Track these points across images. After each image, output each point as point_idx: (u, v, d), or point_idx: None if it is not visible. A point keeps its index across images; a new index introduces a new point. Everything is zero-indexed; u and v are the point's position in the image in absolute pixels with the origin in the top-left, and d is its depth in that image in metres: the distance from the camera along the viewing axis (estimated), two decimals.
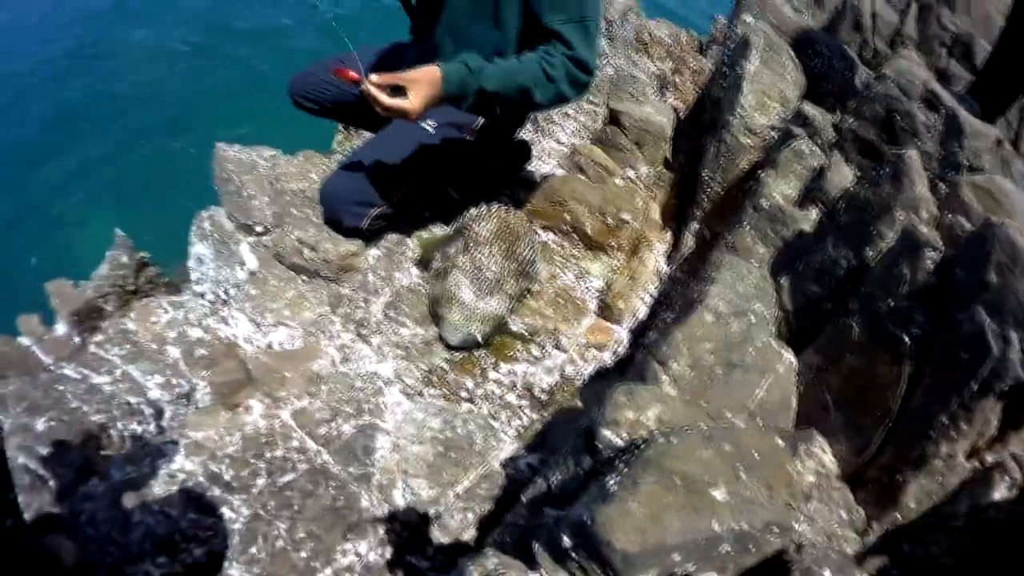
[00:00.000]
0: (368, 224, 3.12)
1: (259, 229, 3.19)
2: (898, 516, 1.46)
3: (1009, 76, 3.10)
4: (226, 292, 3.17)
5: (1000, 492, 1.30)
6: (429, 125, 3.08)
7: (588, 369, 3.05)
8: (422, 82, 2.60)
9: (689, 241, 3.44)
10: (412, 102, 2.58)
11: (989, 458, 1.39)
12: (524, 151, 3.98)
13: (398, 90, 2.58)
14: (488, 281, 2.94)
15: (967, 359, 1.39)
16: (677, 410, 1.57)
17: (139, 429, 2.62)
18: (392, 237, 3.33)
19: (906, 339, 1.55)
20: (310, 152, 3.72)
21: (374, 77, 2.57)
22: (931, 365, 1.50)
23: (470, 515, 2.42)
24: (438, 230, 3.46)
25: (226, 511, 2.40)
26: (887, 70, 2.69)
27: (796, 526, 1.34)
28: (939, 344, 1.50)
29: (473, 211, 3.17)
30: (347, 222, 3.11)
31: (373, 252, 3.27)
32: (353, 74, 2.60)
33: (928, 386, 1.48)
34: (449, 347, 3.02)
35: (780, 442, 1.51)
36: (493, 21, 2.91)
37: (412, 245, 3.34)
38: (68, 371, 2.73)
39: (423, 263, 3.26)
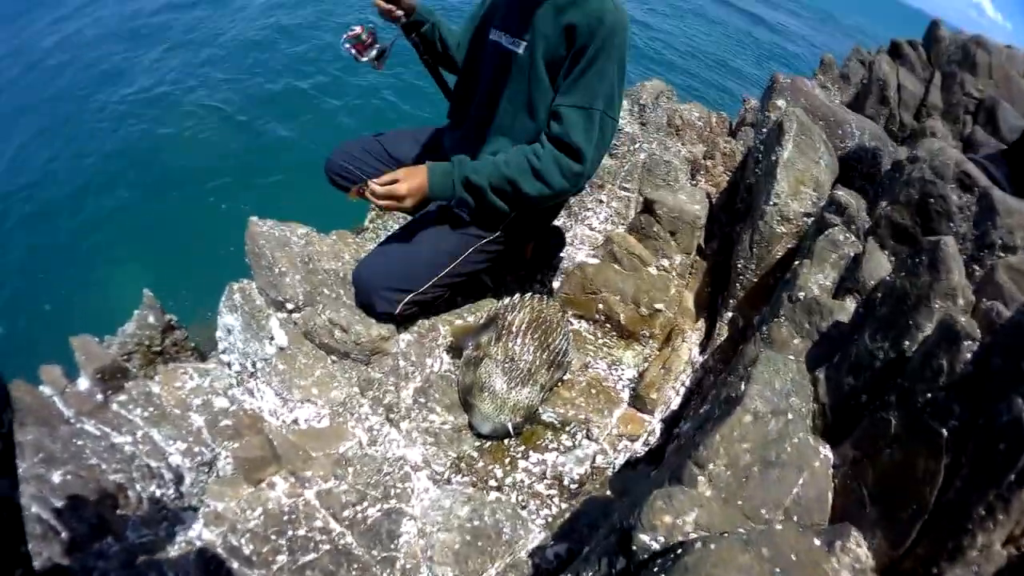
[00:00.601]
0: (401, 309, 3.12)
1: (290, 306, 3.19)
2: None
3: None
4: (253, 364, 3.17)
5: None
6: (463, 212, 3.09)
7: (619, 459, 3.01)
8: (412, 173, 2.91)
9: (723, 330, 3.40)
10: (400, 186, 2.86)
11: None
12: (558, 238, 3.99)
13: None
14: (520, 371, 2.92)
15: (1005, 450, 1.35)
16: (714, 512, 1.54)
17: (158, 492, 2.60)
18: (424, 323, 3.33)
19: (944, 432, 1.50)
20: (343, 231, 3.74)
21: (372, 183, 2.87)
22: (968, 457, 1.45)
23: None
24: (471, 317, 3.46)
25: None
26: (919, 151, 2.67)
27: None
28: (976, 435, 1.45)
29: (506, 300, 3.18)
30: (380, 307, 3.11)
31: (405, 337, 3.26)
32: (355, 190, 2.92)
33: (965, 478, 1.43)
34: (479, 436, 2.99)
35: (816, 541, 1.47)
36: (527, 110, 2.96)
37: (444, 332, 3.33)
38: (88, 427, 2.72)
39: (455, 350, 3.24)
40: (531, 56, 2.90)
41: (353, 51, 3.29)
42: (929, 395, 1.61)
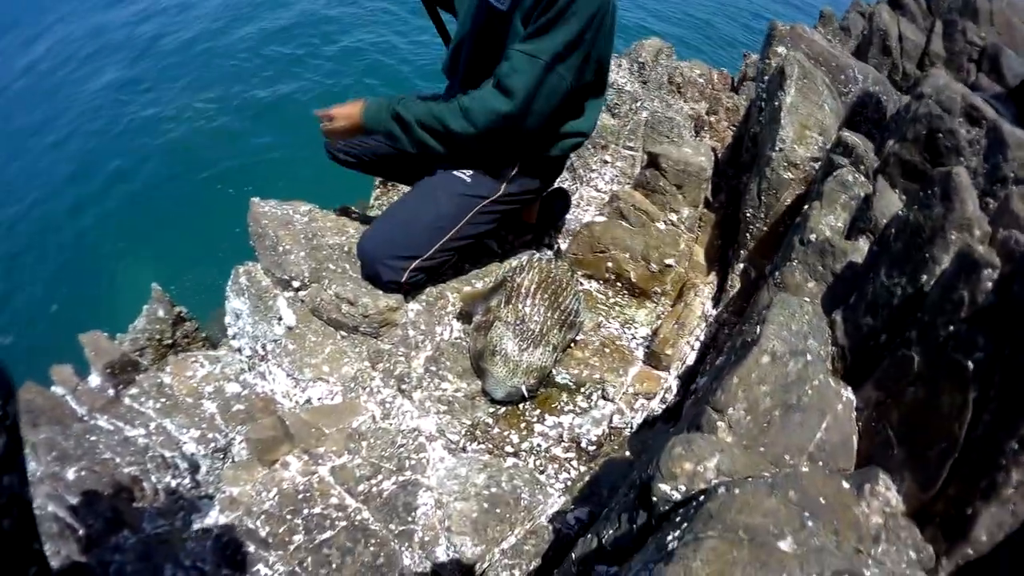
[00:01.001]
0: (407, 277, 3.10)
1: (296, 284, 3.17)
2: (969, 551, 1.38)
3: None
4: (263, 347, 3.16)
5: None
6: (465, 174, 3.09)
7: (637, 418, 2.98)
8: (353, 102, 3.14)
9: (735, 282, 3.37)
10: (334, 109, 3.15)
11: None
12: (563, 199, 3.96)
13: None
14: (532, 333, 2.89)
15: None
16: (736, 458, 1.50)
17: (173, 483, 2.60)
18: (432, 291, 3.30)
19: (969, 365, 1.47)
20: (347, 206, 3.71)
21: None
22: (996, 389, 1.42)
23: (517, 572, 2.34)
24: (479, 283, 3.42)
25: (262, 568, 2.35)
26: (925, 88, 2.63)
27: (866, 572, 1.26)
28: (1003, 366, 1.42)
29: (514, 262, 3.16)
30: (385, 276, 3.08)
31: (413, 306, 3.23)
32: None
33: (995, 411, 1.40)
34: (493, 401, 2.96)
35: (845, 484, 1.44)
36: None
37: (452, 299, 3.30)
38: (101, 422, 2.72)
39: (464, 316, 3.22)
40: (512, 11, 2.87)
41: None
42: (951, 328, 1.57)
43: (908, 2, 6.57)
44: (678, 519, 1.35)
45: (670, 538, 1.29)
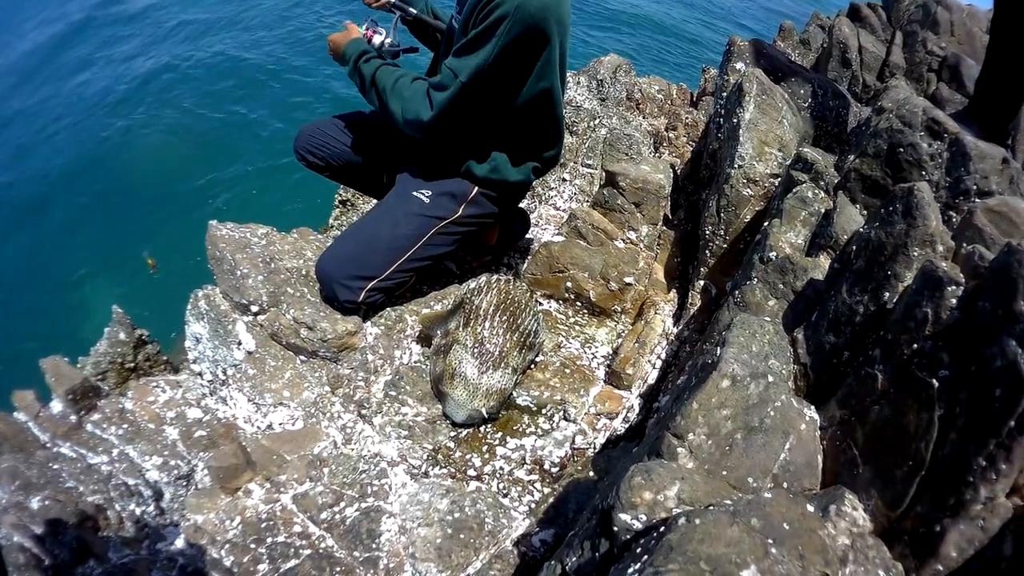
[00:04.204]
0: (364, 297, 3.11)
1: (254, 308, 3.14)
2: (939, 567, 1.38)
3: (1003, 91, 3.06)
4: (224, 372, 3.14)
5: None
6: (424, 195, 3.10)
7: (600, 438, 2.97)
8: (349, 32, 3.30)
9: (695, 299, 3.38)
10: (333, 35, 3.32)
11: None
12: (522, 220, 3.98)
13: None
14: (491, 355, 2.88)
15: (1001, 395, 1.31)
16: (698, 485, 1.49)
17: (137, 511, 2.57)
18: (391, 314, 3.30)
19: (934, 382, 1.48)
20: (304, 229, 3.68)
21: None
22: (962, 406, 1.42)
23: None
24: (438, 305, 3.42)
25: None
26: (885, 102, 2.65)
27: None
28: (969, 383, 1.42)
29: (472, 284, 3.15)
30: (342, 296, 3.08)
31: (372, 330, 3.22)
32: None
33: (961, 428, 1.40)
34: (455, 425, 2.94)
35: (810, 507, 1.44)
36: None
37: (411, 322, 3.30)
38: (64, 449, 2.70)
39: (423, 339, 3.21)
40: (460, 29, 2.94)
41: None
42: (915, 346, 1.58)
43: (868, 14, 6.64)
44: (639, 550, 1.33)
45: (631, 571, 1.27)
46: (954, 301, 1.53)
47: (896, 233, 1.87)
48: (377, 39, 3.27)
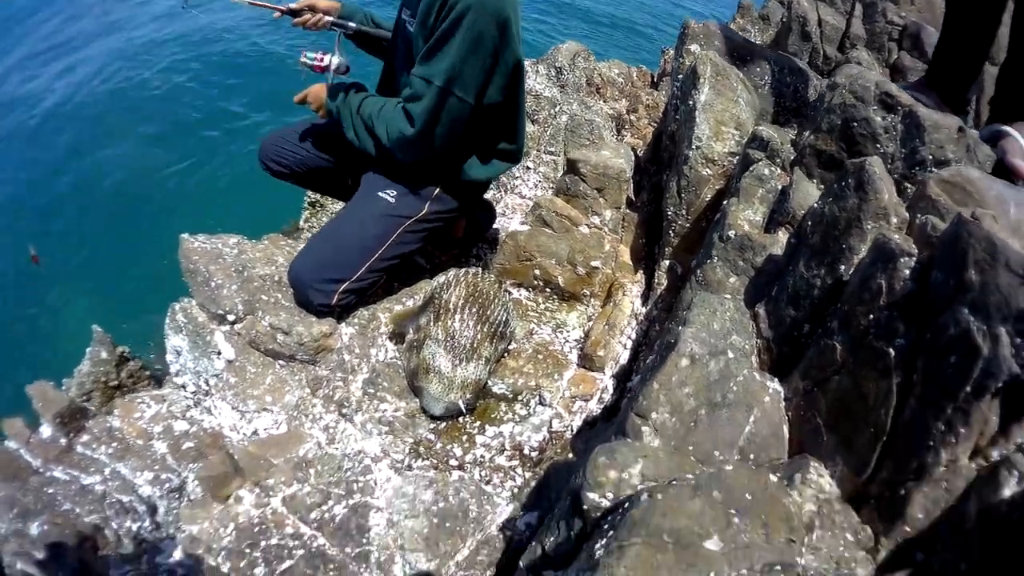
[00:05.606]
0: (337, 300, 3.15)
1: (231, 318, 3.17)
2: (907, 528, 1.41)
3: (960, 58, 3.07)
4: (206, 382, 3.17)
5: (1010, 488, 1.27)
6: (389, 195, 3.13)
7: (576, 421, 3.02)
8: (315, 88, 3.38)
9: (662, 279, 3.42)
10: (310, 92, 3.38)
11: (995, 454, 1.35)
12: (488, 212, 4.01)
13: None
14: (463, 347, 2.93)
15: (956, 362, 1.36)
16: (661, 462, 1.54)
17: (134, 527, 2.59)
18: (363, 313, 3.34)
19: (891, 351, 1.52)
20: (275, 236, 3.72)
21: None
22: (920, 374, 1.47)
23: None
24: (409, 301, 3.46)
25: None
26: (839, 78, 2.67)
27: (800, 560, 1.30)
28: (925, 352, 1.47)
29: (441, 278, 3.19)
30: (316, 300, 3.12)
31: (346, 331, 3.27)
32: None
33: (919, 395, 1.45)
34: (433, 418, 2.99)
35: (773, 477, 1.47)
36: None
37: (384, 320, 3.34)
38: (57, 473, 2.72)
39: (397, 336, 3.25)
40: (417, 32, 2.96)
41: (316, 73, 3.41)
42: (871, 316, 1.63)
43: None
44: (606, 527, 1.39)
45: (597, 546, 1.32)
46: (907, 272, 1.56)
47: (849, 207, 1.91)
48: (327, 60, 3.32)
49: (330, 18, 3.40)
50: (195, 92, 13.77)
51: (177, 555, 2.50)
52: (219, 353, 3.17)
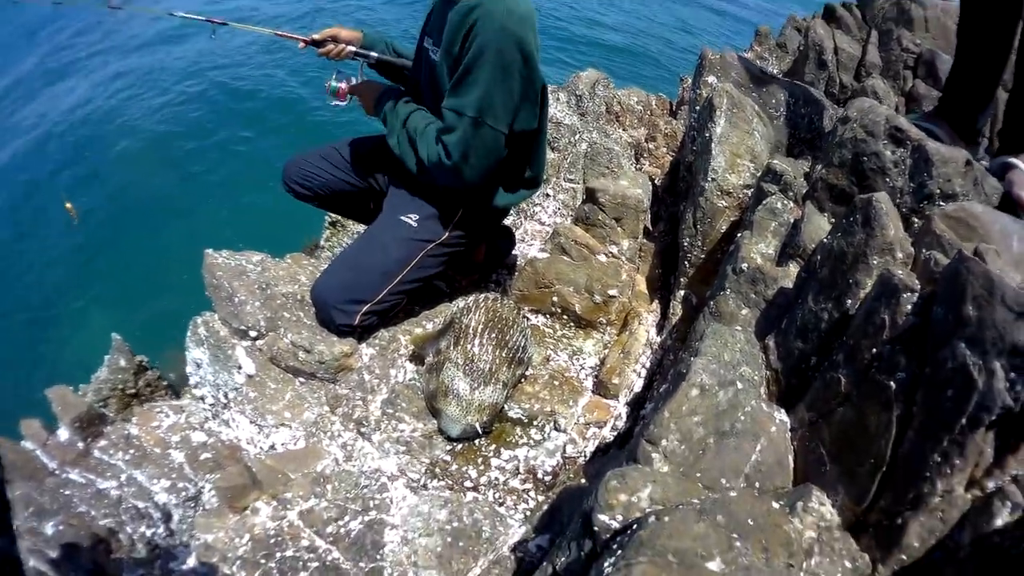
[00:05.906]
0: (359, 321, 3.18)
1: (253, 334, 3.22)
2: (903, 556, 1.43)
3: (970, 87, 3.05)
4: (225, 395, 3.21)
5: (1003, 518, 1.29)
6: (411, 219, 3.16)
7: (589, 447, 3.06)
8: (374, 89, 3.44)
9: (677, 309, 3.45)
10: (363, 87, 3.49)
11: (990, 485, 1.38)
12: (507, 238, 4.04)
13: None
14: (482, 372, 2.96)
15: (953, 395, 1.40)
16: (670, 487, 1.58)
17: (148, 532, 2.65)
18: (384, 335, 3.38)
19: (892, 384, 1.56)
20: (297, 255, 3.77)
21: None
22: (919, 406, 1.50)
23: None
24: (429, 324, 3.50)
25: None
26: (850, 112, 2.69)
27: None
28: (924, 385, 1.50)
29: (461, 303, 3.22)
30: (338, 320, 3.16)
31: (367, 351, 3.31)
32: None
33: (918, 427, 1.49)
34: (450, 439, 3.03)
35: (775, 504, 1.53)
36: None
37: (404, 342, 3.38)
38: (73, 476, 2.77)
39: (416, 358, 3.29)
40: (441, 61, 3.02)
41: (342, 102, 3.52)
42: (874, 350, 1.66)
43: (843, 14, 6.71)
44: (615, 547, 1.44)
45: (606, 565, 1.38)
46: (910, 307, 1.60)
47: (856, 242, 1.95)
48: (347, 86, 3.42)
49: (352, 48, 3.51)
50: (224, 114, 13.85)
51: (191, 562, 2.53)
52: (239, 367, 3.21)
